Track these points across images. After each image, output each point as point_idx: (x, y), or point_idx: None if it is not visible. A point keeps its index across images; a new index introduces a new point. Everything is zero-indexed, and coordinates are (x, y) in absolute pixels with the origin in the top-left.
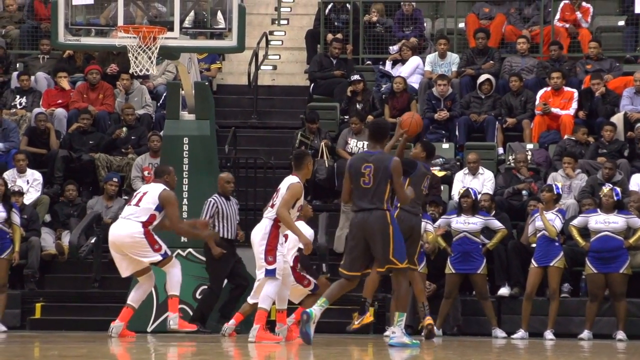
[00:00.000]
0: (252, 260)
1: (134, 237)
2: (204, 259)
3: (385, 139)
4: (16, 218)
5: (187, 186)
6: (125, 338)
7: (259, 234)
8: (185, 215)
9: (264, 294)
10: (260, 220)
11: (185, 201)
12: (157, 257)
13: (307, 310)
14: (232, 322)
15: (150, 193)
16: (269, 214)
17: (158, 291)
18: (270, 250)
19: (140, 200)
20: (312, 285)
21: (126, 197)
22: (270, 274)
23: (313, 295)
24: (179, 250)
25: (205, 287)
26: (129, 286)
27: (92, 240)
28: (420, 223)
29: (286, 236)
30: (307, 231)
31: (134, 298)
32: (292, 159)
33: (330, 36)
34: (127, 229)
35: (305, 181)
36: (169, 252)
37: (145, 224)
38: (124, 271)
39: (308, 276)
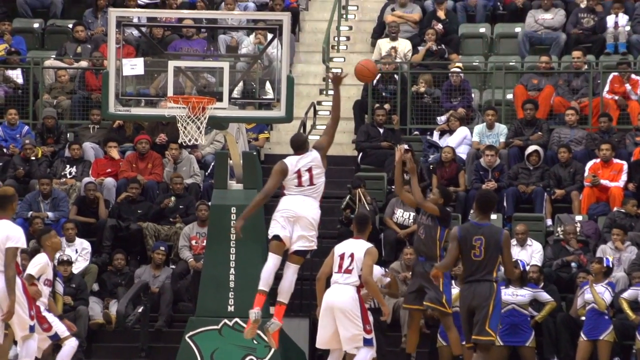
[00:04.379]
0: (296, 330)
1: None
2: None
3: (492, 210)
4: (59, 287)
5: (234, 255)
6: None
7: (349, 302)
8: (232, 284)
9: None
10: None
11: (232, 270)
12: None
13: None
14: None
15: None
16: (349, 280)
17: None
18: (367, 319)
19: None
20: None
21: (173, 267)
22: (369, 343)
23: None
24: (225, 320)
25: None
26: (176, 356)
27: (140, 310)
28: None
29: None
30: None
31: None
32: (354, 222)
33: (376, 105)
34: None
35: None
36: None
37: None
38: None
39: None
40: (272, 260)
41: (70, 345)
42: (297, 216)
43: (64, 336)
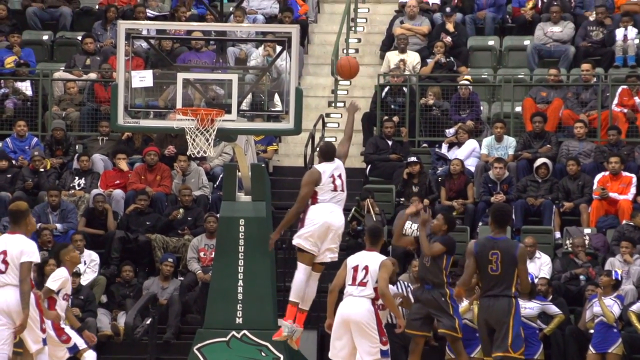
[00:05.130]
0: (304, 342)
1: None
2: (259, 341)
3: (508, 224)
4: None
5: (242, 267)
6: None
7: (365, 315)
8: (240, 296)
9: None
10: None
11: (240, 282)
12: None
13: None
14: None
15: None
16: (364, 292)
17: None
18: (383, 331)
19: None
20: None
21: (181, 279)
22: (386, 354)
23: None
24: (233, 332)
25: None
26: None
27: (148, 321)
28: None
29: None
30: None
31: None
32: (367, 234)
33: (385, 118)
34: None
35: None
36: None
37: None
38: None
39: None
40: (304, 272)
41: (90, 357)
42: (328, 228)
43: (82, 348)
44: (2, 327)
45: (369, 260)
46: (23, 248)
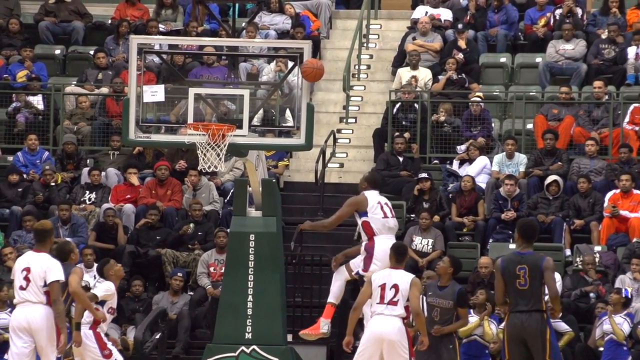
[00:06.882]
0: (313, 358)
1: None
2: (268, 356)
3: (535, 238)
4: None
5: (252, 283)
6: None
7: (397, 334)
8: (249, 312)
9: None
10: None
11: (250, 297)
12: None
13: None
14: None
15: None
16: (394, 311)
17: None
18: (412, 350)
19: None
20: None
21: (191, 293)
22: None
23: None
24: (242, 347)
25: None
26: None
27: (157, 336)
28: None
29: None
30: None
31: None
32: (392, 252)
33: (396, 134)
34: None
35: None
36: None
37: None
38: None
39: None
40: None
41: None
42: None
43: None
44: (22, 344)
45: (397, 278)
46: (48, 267)
